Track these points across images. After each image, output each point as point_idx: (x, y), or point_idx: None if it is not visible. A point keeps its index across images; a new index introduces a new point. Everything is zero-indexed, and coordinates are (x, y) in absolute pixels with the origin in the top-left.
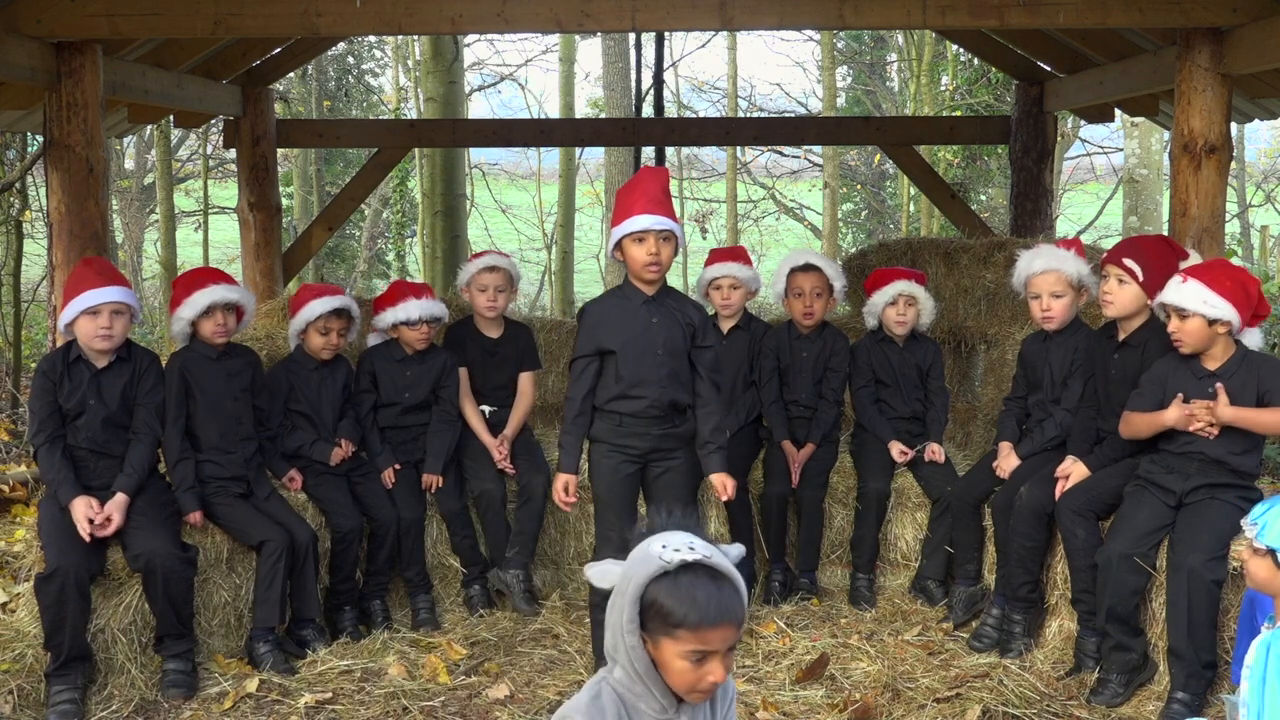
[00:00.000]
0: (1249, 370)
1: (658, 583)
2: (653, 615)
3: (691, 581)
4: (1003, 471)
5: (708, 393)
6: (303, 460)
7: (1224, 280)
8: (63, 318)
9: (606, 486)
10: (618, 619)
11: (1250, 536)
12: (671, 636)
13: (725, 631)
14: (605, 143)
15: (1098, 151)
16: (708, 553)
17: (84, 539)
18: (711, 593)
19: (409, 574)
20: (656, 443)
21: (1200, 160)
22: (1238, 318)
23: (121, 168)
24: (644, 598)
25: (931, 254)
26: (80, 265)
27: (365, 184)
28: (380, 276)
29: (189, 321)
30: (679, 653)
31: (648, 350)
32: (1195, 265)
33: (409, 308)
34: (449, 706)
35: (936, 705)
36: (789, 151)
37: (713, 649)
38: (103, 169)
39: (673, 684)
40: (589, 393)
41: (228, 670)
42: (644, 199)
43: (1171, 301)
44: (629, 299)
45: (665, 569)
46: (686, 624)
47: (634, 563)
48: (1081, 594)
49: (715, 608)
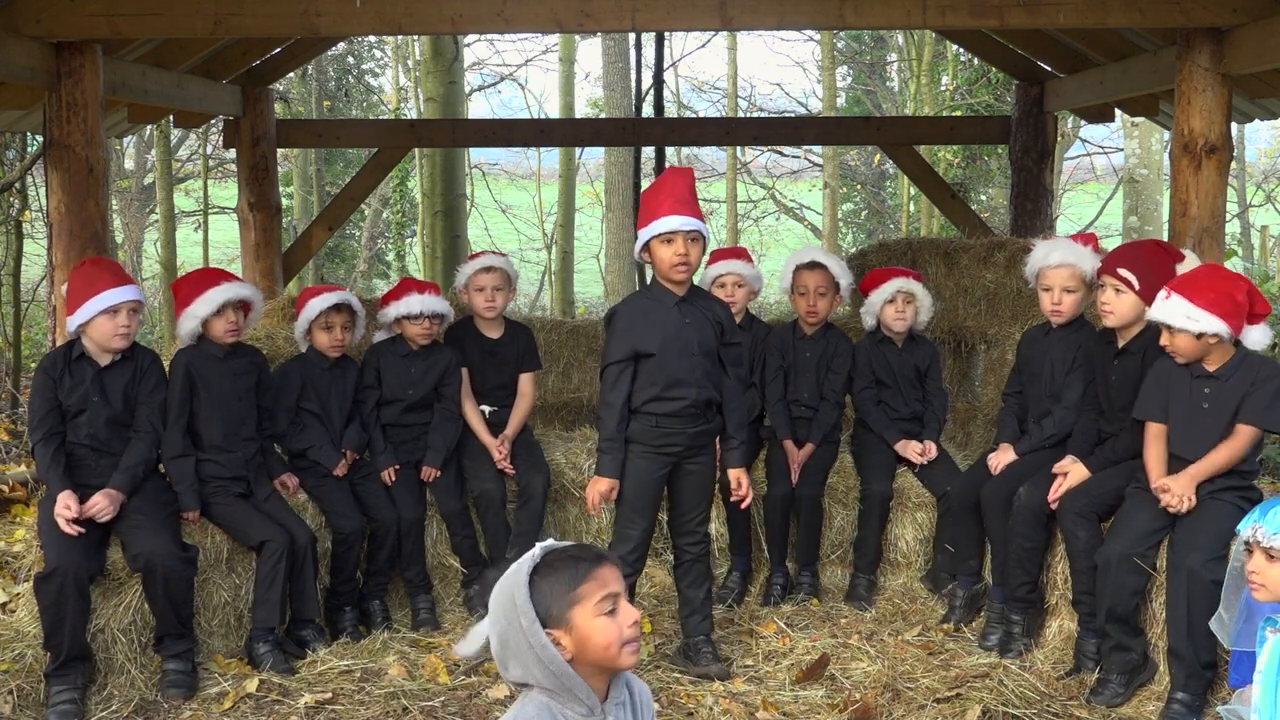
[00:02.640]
0: (1245, 373)
1: (536, 575)
2: (551, 600)
3: (558, 554)
4: (995, 467)
5: (734, 389)
6: (307, 461)
7: (1206, 293)
8: (77, 318)
9: (638, 488)
10: (519, 638)
11: (1266, 542)
12: (577, 600)
13: (613, 569)
14: (605, 143)
15: (1098, 151)
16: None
17: (83, 538)
18: (579, 549)
19: (409, 574)
20: (691, 441)
21: (1200, 160)
22: (1225, 328)
23: (121, 168)
24: (533, 597)
25: (931, 254)
26: (88, 266)
27: (365, 184)
28: (380, 276)
29: (201, 320)
30: (592, 611)
31: (685, 351)
32: (1180, 278)
33: (410, 302)
34: (449, 707)
35: (936, 705)
36: (789, 151)
37: (615, 589)
38: (103, 169)
39: (604, 652)
40: (628, 397)
41: (228, 670)
42: (671, 199)
43: (1157, 319)
44: (660, 301)
45: (535, 562)
46: (581, 576)
47: (503, 589)
48: (1083, 595)
49: (592, 554)
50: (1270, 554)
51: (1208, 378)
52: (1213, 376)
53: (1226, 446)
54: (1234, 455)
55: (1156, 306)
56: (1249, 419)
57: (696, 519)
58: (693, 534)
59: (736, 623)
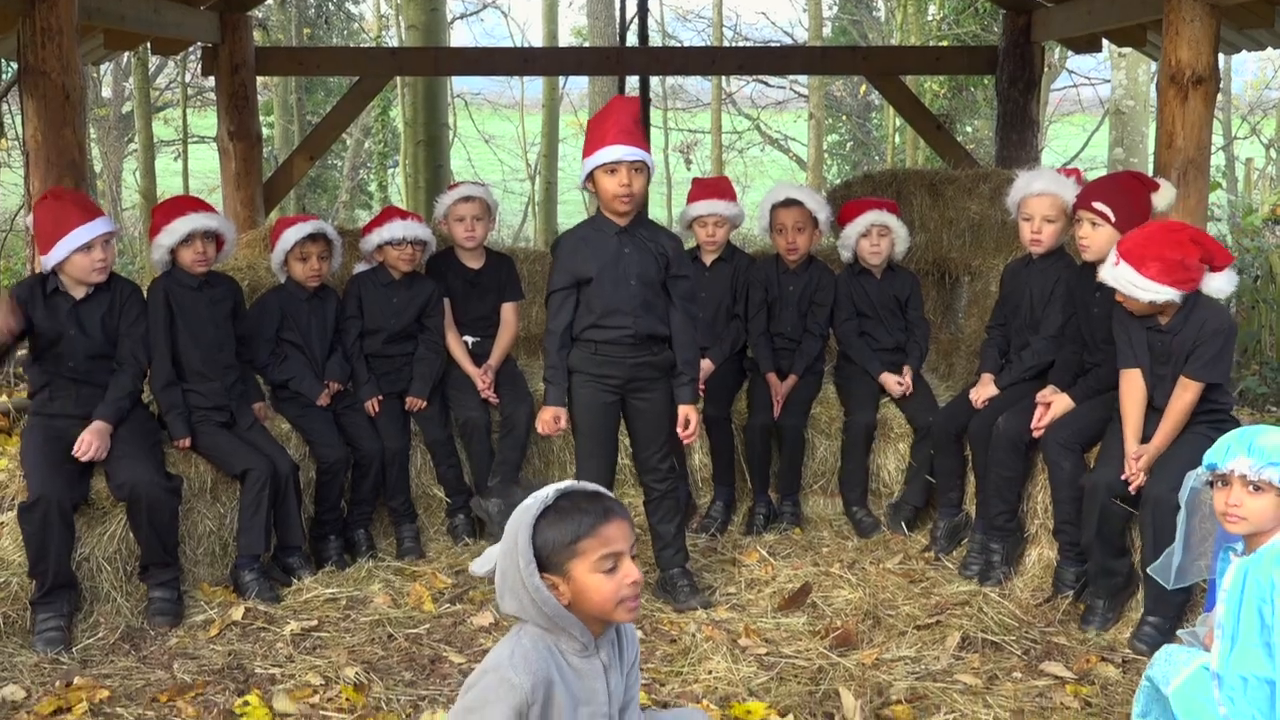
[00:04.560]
0: (1192, 327)
1: (542, 519)
2: (551, 549)
3: (571, 502)
4: (978, 401)
5: (681, 322)
6: (289, 392)
7: (1153, 264)
8: (51, 258)
9: (586, 416)
10: (516, 576)
11: (1254, 475)
12: (577, 554)
13: (621, 526)
14: (589, 72)
15: (1084, 83)
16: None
17: (66, 467)
18: (593, 499)
19: (394, 504)
20: (633, 372)
21: (1187, 92)
22: (1175, 293)
23: (99, 96)
24: (535, 540)
25: (916, 185)
26: (52, 201)
27: (346, 113)
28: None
29: (169, 249)
30: (590, 567)
31: (622, 280)
32: (1130, 239)
33: (394, 227)
34: (434, 634)
35: (917, 632)
36: (774, 82)
37: (618, 549)
38: (79, 96)
39: (599, 607)
40: (569, 324)
41: (213, 598)
42: (615, 129)
43: (1107, 282)
44: (601, 230)
45: (545, 504)
46: (583, 532)
47: (512, 523)
48: (1064, 525)
49: (602, 508)
50: (1257, 486)
51: (1159, 331)
52: (1163, 331)
53: (1176, 405)
54: (1185, 409)
55: (1106, 269)
56: (1192, 374)
57: (656, 455)
58: (655, 470)
59: (719, 552)
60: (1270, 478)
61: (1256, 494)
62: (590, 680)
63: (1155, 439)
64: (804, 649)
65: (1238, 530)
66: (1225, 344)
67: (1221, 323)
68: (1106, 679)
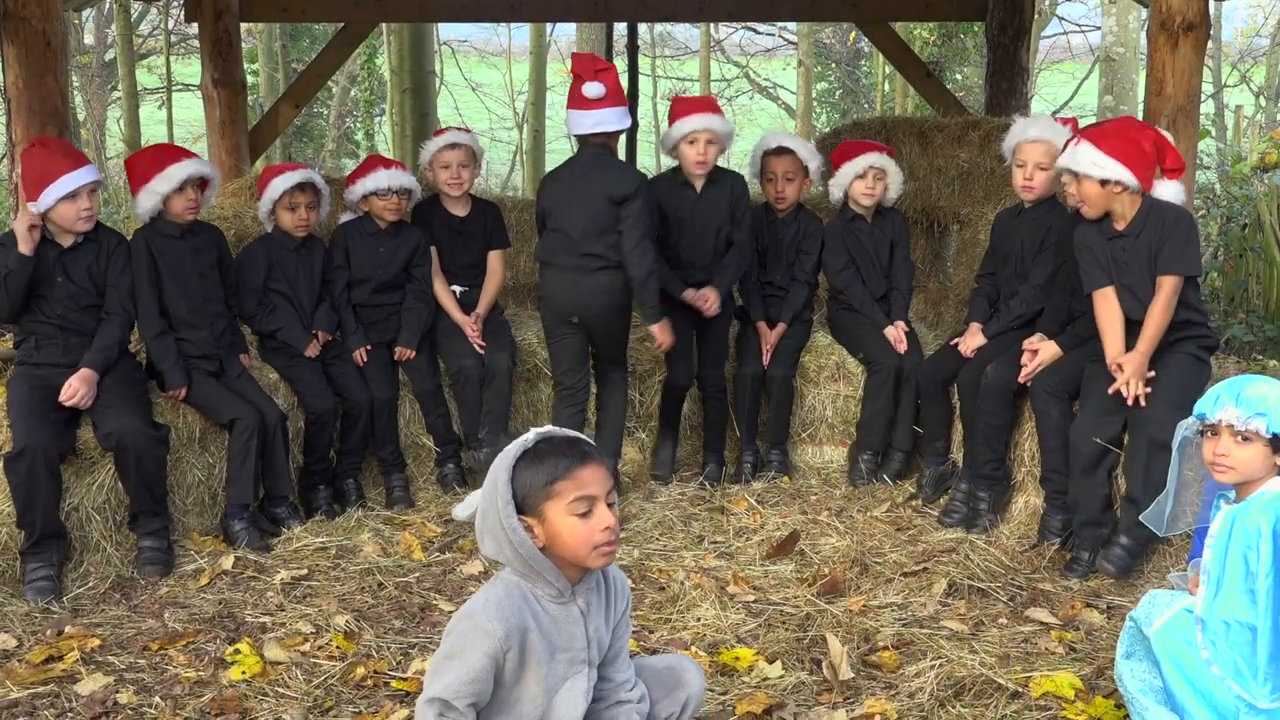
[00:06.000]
0: (1154, 224)
1: (521, 461)
2: (528, 491)
3: (549, 445)
4: (967, 350)
5: (626, 248)
6: (277, 342)
7: (1113, 140)
8: (41, 204)
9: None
10: (495, 517)
11: (1241, 425)
12: (552, 496)
13: (597, 470)
14: (576, 18)
15: (1075, 30)
16: (556, 429)
17: (52, 417)
18: (572, 442)
19: (383, 453)
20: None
21: (1178, 38)
22: (1131, 177)
23: (81, 43)
24: (513, 482)
25: (906, 133)
26: (39, 149)
27: (332, 60)
28: (349, 156)
29: (163, 196)
30: (565, 510)
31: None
32: (1089, 126)
33: (378, 177)
34: (424, 582)
35: (904, 579)
36: (763, 29)
37: (593, 492)
38: (60, 43)
39: (573, 551)
40: None
41: (203, 548)
42: None
43: (1064, 164)
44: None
45: (524, 447)
46: (559, 474)
47: (494, 467)
48: (1051, 473)
49: (579, 452)
50: (1245, 436)
51: (1120, 237)
52: (1124, 235)
53: (1157, 306)
54: (1166, 310)
55: (1065, 154)
56: (1166, 269)
57: None
58: None
59: (709, 500)
60: (1258, 427)
61: (1244, 444)
62: (567, 625)
63: (1139, 344)
64: (792, 596)
65: (1226, 480)
66: (1190, 233)
67: (1181, 214)
68: (1091, 624)
